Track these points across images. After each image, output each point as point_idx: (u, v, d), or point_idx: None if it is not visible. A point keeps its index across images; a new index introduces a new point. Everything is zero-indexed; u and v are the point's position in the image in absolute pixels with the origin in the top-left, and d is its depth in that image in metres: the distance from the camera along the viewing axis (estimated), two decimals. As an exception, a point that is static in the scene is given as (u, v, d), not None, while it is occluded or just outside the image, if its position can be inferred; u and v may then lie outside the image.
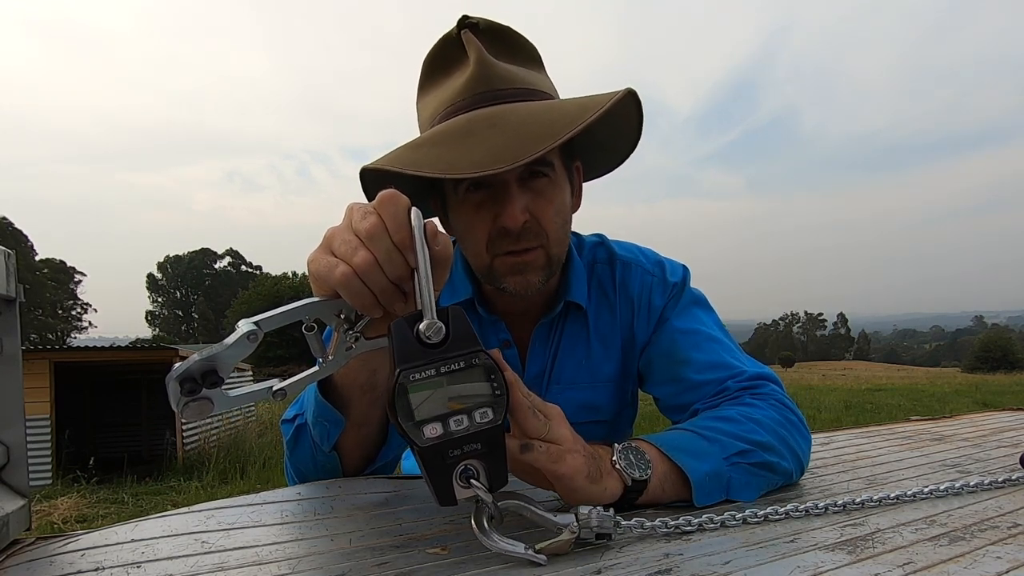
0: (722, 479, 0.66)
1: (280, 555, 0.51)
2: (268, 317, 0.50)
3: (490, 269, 0.80)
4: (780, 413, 0.75)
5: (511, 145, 0.68)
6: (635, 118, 0.79)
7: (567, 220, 0.82)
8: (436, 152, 0.70)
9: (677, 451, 0.65)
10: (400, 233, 0.50)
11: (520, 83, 0.76)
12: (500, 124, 0.70)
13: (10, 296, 0.57)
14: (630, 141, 0.83)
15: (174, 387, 0.47)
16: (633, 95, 0.74)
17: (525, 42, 0.81)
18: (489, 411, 0.49)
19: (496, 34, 0.78)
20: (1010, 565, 0.48)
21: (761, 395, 0.78)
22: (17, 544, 0.55)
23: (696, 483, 0.64)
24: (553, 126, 0.69)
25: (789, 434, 0.73)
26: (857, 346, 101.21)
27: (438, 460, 0.48)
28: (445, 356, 0.48)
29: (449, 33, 0.77)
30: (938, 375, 31.05)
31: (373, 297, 0.52)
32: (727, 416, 0.72)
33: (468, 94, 0.74)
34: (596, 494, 0.59)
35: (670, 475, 0.64)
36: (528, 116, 0.71)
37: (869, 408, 11.90)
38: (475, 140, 0.69)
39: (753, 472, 0.68)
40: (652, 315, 0.89)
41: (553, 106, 0.74)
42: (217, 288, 65.94)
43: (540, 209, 0.77)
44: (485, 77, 0.74)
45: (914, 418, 1.28)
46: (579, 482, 0.58)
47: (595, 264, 0.93)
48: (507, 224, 0.75)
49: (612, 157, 0.88)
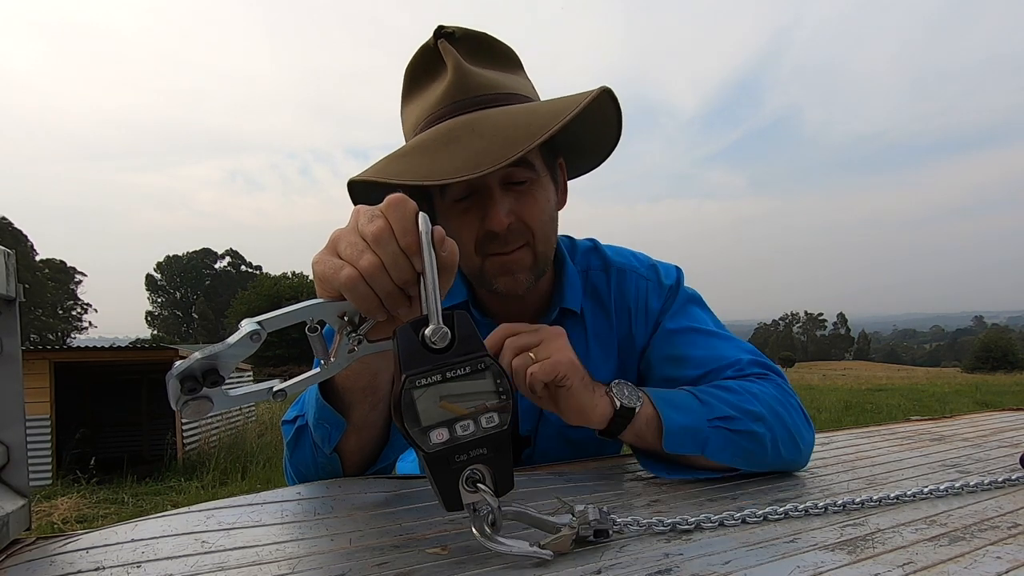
0: (699, 436, 0.70)
1: (280, 555, 0.51)
2: (272, 317, 0.50)
3: (481, 271, 0.81)
4: (780, 393, 0.77)
5: (490, 150, 0.69)
6: (613, 116, 0.81)
7: (552, 217, 0.83)
8: (419, 160, 0.72)
9: (663, 402, 0.71)
10: (407, 238, 0.51)
11: (498, 88, 0.77)
12: (479, 129, 0.71)
13: (10, 296, 0.57)
14: (612, 138, 0.85)
15: (174, 385, 0.47)
16: (608, 93, 0.75)
17: (502, 46, 0.82)
18: (495, 416, 0.49)
19: (473, 41, 0.79)
20: (1010, 565, 0.48)
21: (764, 378, 0.80)
22: (17, 544, 0.55)
23: (667, 431, 0.70)
24: (529, 128, 0.70)
25: (787, 413, 0.75)
26: (857, 346, 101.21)
27: (444, 465, 0.48)
28: (451, 361, 0.48)
29: (427, 43, 0.78)
30: (938, 375, 31.05)
31: (378, 300, 0.52)
32: (726, 387, 0.76)
33: (447, 102, 0.76)
34: (588, 404, 0.67)
35: (653, 421, 0.70)
36: (506, 120, 0.72)
37: (869, 408, 11.90)
38: (456, 147, 0.70)
39: (734, 438, 0.71)
40: (649, 318, 0.91)
41: (530, 108, 0.75)
42: (217, 288, 65.94)
43: (524, 209, 0.78)
44: (463, 85, 0.75)
45: (914, 418, 1.28)
46: (576, 382, 0.66)
47: (589, 271, 0.94)
48: (492, 227, 0.76)
49: (596, 154, 0.89)
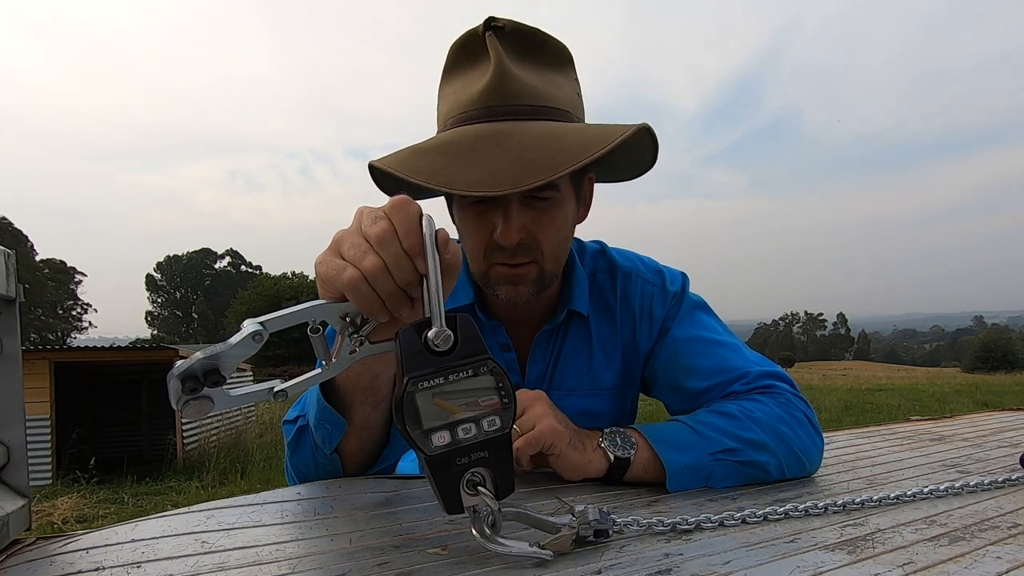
0: (702, 472, 0.70)
1: (280, 555, 0.51)
2: (274, 318, 0.50)
3: (486, 276, 0.81)
4: (785, 411, 0.76)
5: (512, 170, 0.68)
6: (649, 150, 0.80)
7: (567, 237, 0.83)
8: (440, 162, 0.71)
9: (661, 442, 0.70)
10: (410, 239, 0.51)
11: (536, 99, 0.74)
12: (506, 144, 0.69)
13: (10, 296, 0.57)
14: (642, 168, 0.84)
15: (175, 384, 0.47)
16: (648, 131, 0.74)
17: (553, 44, 0.79)
18: (497, 419, 0.49)
19: (522, 37, 0.77)
20: (1010, 565, 0.48)
21: (769, 393, 0.79)
22: (17, 544, 0.55)
23: (671, 473, 0.69)
24: (557, 156, 0.68)
25: (792, 431, 0.74)
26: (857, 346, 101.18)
27: (446, 468, 0.48)
28: (453, 364, 0.48)
29: (475, 29, 0.76)
30: (938, 375, 31.05)
31: (380, 302, 0.52)
32: (725, 412, 0.75)
33: (481, 105, 0.74)
34: (581, 462, 0.69)
35: (653, 463, 0.70)
36: (533, 141, 0.70)
37: (869, 408, 11.90)
38: (478, 157, 0.69)
39: (738, 467, 0.71)
40: (654, 325, 0.90)
41: (564, 131, 0.72)
42: (217, 288, 65.92)
43: (539, 228, 0.77)
44: (500, 90, 0.73)
45: (914, 418, 1.28)
46: (561, 448, 0.68)
47: (596, 274, 0.94)
48: (502, 241, 0.75)
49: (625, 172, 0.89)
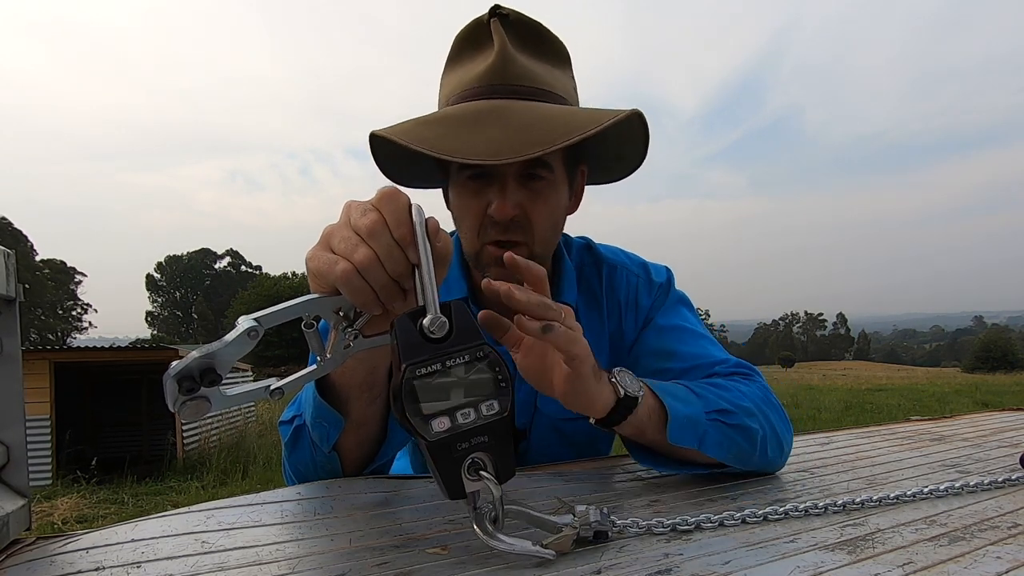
0: (699, 428, 0.70)
1: (280, 555, 0.51)
2: (268, 314, 0.50)
3: (478, 256, 0.82)
4: (765, 395, 0.79)
5: (511, 141, 0.70)
6: (640, 138, 0.81)
7: (558, 222, 0.84)
8: (443, 132, 0.73)
9: (665, 392, 0.70)
10: (401, 229, 0.51)
11: (537, 81, 0.78)
12: (506, 118, 0.72)
13: (10, 296, 0.57)
14: (635, 157, 0.86)
15: (172, 385, 0.47)
16: (639, 116, 0.76)
17: (553, 39, 0.82)
18: (495, 403, 0.49)
19: (525, 27, 0.80)
20: (1010, 565, 0.48)
21: (749, 379, 0.81)
22: (17, 544, 0.55)
23: (673, 418, 0.68)
24: (554, 131, 0.71)
25: (772, 412, 0.77)
26: (857, 346, 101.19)
27: (446, 453, 0.48)
28: (450, 350, 0.48)
29: (481, 17, 0.79)
30: (938, 375, 31.05)
31: (373, 294, 0.52)
32: (716, 383, 0.77)
33: (484, 83, 0.77)
34: (594, 392, 0.62)
35: (656, 411, 0.68)
36: (534, 117, 0.73)
37: (869, 408, 11.89)
38: (479, 129, 0.72)
39: (729, 433, 0.71)
40: (639, 315, 0.92)
41: (561, 111, 0.76)
42: (217, 288, 65.93)
43: (533, 207, 0.79)
44: (503, 70, 0.76)
45: (914, 418, 1.28)
46: (587, 369, 0.61)
47: (583, 266, 0.96)
48: (496, 215, 0.77)
49: (617, 170, 0.91)
